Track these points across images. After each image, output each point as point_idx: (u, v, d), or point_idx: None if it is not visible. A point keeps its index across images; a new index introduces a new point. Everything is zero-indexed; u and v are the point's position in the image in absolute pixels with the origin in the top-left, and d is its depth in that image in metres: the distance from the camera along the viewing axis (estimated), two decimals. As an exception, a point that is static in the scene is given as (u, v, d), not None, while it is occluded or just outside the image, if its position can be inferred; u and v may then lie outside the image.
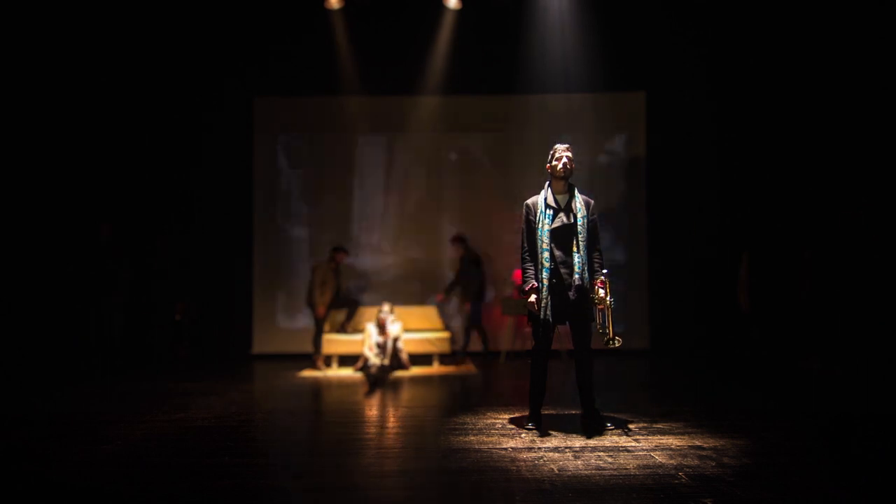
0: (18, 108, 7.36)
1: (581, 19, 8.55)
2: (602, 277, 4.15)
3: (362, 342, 7.46)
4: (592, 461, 3.44)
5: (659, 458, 3.49)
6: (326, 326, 7.97)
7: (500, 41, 8.71)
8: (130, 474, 3.32)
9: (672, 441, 3.84)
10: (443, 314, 8.62)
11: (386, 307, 7.50)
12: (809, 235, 7.53)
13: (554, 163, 4.25)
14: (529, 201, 4.30)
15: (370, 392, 6.01)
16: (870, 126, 6.96)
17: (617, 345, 4.06)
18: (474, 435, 4.08)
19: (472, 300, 8.07)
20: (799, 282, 7.46)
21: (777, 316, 7.68)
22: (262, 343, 8.86)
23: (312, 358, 7.74)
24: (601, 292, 4.11)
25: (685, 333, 8.63)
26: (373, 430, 4.63)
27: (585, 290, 4.14)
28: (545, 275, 4.12)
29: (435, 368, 7.56)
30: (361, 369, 7.24)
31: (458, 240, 8.30)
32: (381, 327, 7.34)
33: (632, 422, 4.34)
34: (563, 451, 3.65)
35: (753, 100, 8.39)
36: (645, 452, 3.60)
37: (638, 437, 3.96)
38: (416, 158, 9.12)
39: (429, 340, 7.90)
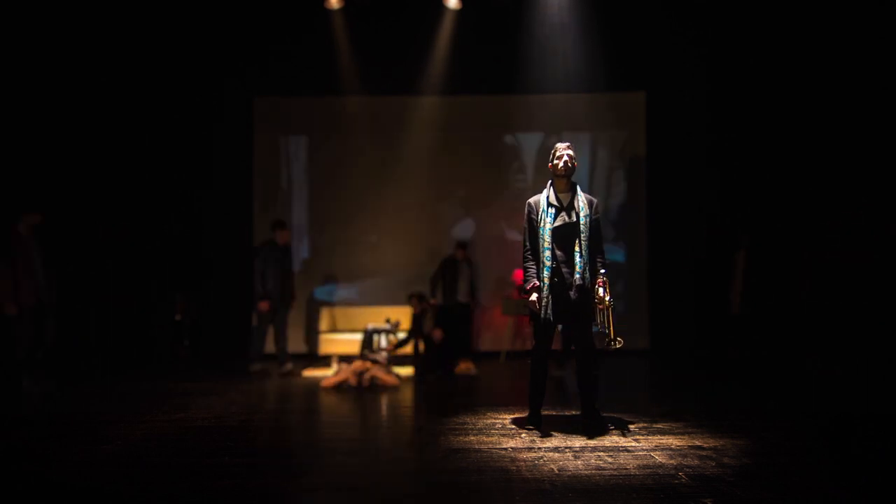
0: (19, 108, 7.35)
1: (581, 19, 8.55)
2: (602, 277, 4.14)
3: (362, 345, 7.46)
4: (592, 461, 3.43)
5: (659, 458, 3.49)
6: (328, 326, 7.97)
7: (500, 41, 8.71)
8: (130, 474, 3.32)
9: (672, 441, 3.84)
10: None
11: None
12: (809, 235, 7.53)
13: (555, 161, 4.24)
14: (531, 200, 4.30)
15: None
16: (870, 126, 6.96)
17: (618, 345, 4.06)
18: (474, 435, 4.08)
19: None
20: (799, 282, 7.46)
21: (777, 316, 7.67)
22: (262, 343, 8.85)
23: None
24: (600, 292, 4.11)
25: (685, 333, 8.63)
26: (373, 430, 4.63)
27: (587, 290, 4.13)
28: (546, 274, 4.12)
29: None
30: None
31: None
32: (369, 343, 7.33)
33: (632, 422, 4.34)
34: (563, 451, 3.65)
35: (753, 100, 8.38)
36: (645, 452, 3.60)
37: (638, 437, 3.96)
38: (415, 158, 9.11)
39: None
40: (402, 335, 7.52)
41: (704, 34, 8.54)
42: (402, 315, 8.19)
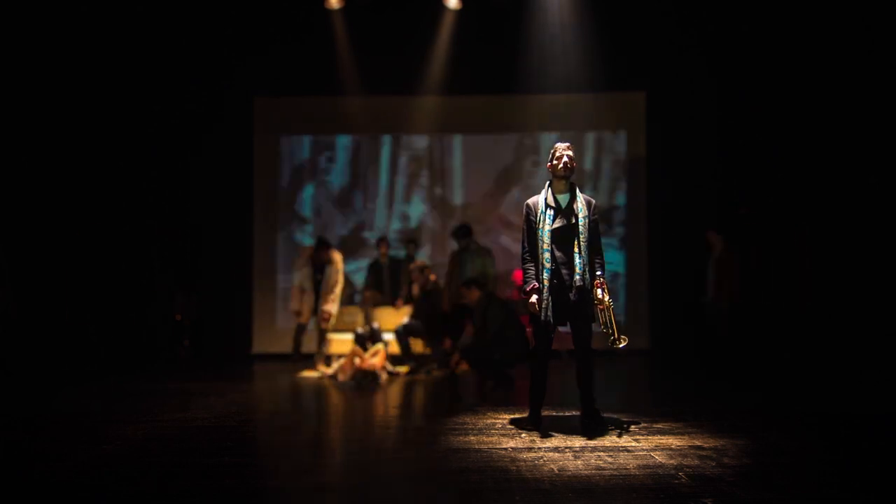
0: (19, 109, 7.35)
1: (581, 19, 8.53)
2: (600, 279, 4.14)
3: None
4: (592, 461, 3.43)
5: (659, 458, 3.49)
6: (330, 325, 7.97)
7: (500, 41, 8.70)
8: (130, 474, 3.32)
9: (672, 441, 3.84)
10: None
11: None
12: (810, 235, 7.52)
13: (554, 162, 4.24)
14: (530, 201, 4.29)
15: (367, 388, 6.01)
16: (872, 127, 6.95)
17: (623, 344, 4.05)
18: (474, 435, 4.08)
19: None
20: (799, 281, 7.45)
21: (775, 316, 7.66)
22: (262, 343, 8.85)
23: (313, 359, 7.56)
24: (599, 293, 4.10)
25: (685, 333, 8.61)
26: (373, 430, 4.63)
27: (586, 291, 4.13)
28: (546, 275, 4.11)
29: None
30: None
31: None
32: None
33: (632, 422, 4.33)
34: (563, 451, 3.64)
35: (754, 99, 8.37)
36: (645, 452, 3.60)
37: (638, 437, 3.96)
38: (415, 158, 9.11)
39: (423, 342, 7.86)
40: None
41: (705, 34, 8.54)
42: (398, 315, 8.18)
